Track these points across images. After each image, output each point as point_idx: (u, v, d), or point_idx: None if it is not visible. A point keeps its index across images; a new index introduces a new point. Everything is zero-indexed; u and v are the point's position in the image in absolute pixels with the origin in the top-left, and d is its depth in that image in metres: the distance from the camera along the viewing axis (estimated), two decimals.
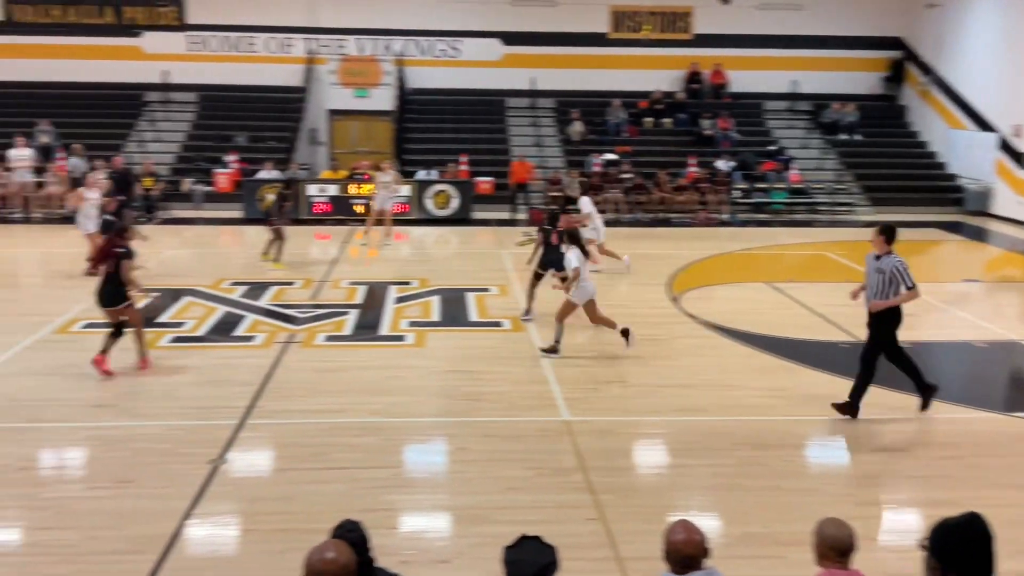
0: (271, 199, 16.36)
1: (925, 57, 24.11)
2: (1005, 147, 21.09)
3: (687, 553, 3.58)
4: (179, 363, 9.73)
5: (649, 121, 23.89)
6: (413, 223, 19.44)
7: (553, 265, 11.44)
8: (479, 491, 6.80)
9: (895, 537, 6.29)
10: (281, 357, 9.98)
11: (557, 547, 3.52)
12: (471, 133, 23.45)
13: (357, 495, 6.63)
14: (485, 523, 6.25)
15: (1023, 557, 5.04)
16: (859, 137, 23.99)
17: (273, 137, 22.54)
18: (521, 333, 11.13)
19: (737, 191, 21.65)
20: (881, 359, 8.22)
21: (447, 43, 24.01)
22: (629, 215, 20.81)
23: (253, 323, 11.36)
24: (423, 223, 19.59)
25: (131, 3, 23.21)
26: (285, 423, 8.13)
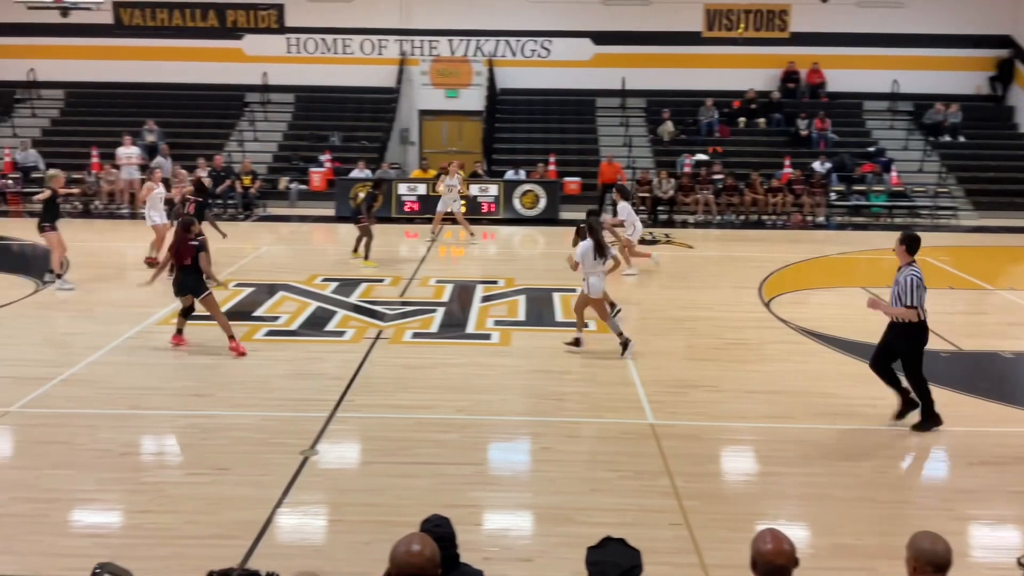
0: (362, 197, 16.69)
1: None
2: None
3: (776, 563, 3.49)
4: (273, 356, 10.02)
5: (742, 121, 23.47)
6: (501, 222, 19.55)
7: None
8: (562, 491, 6.79)
9: (992, 554, 6.04)
10: (370, 352, 10.17)
11: (641, 551, 3.49)
12: (560, 133, 23.47)
13: (442, 490, 6.71)
14: (568, 523, 6.25)
15: None
16: (963, 139, 23.06)
17: (366, 137, 23.00)
18: (607, 334, 11.07)
19: (834, 193, 21.07)
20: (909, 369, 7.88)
21: (538, 43, 24.06)
22: (720, 217, 20.49)
23: (343, 319, 11.60)
24: (511, 222, 19.68)
25: (234, 7, 24.00)
26: (373, 417, 8.28)
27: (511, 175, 20.76)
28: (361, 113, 23.97)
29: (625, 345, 10.06)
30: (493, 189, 20.14)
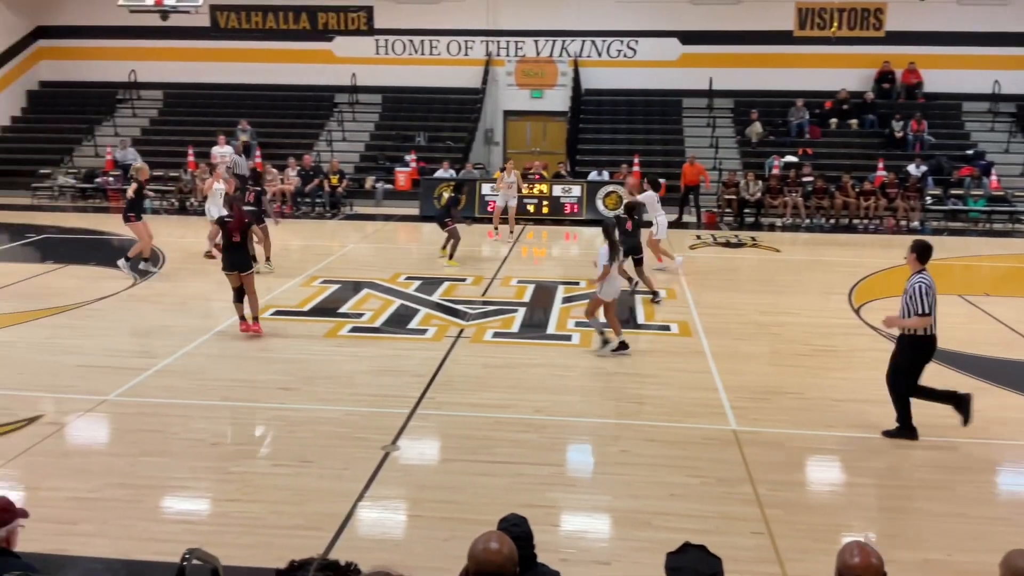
0: (446, 198, 16.93)
1: None
2: None
3: None
4: (357, 352, 10.21)
5: (834, 122, 22.87)
6: (583, 223, 19.49)
7: (632, 251, 12.62)
8: (641, 495, 6.73)
9: None
10: (451, 351, 10.27)
11: (721, 559, 3.43)
12: (645, 134, 23.28)
13: (520, 490, 6.73)
14: (646, 528, 6.19)
15: None
16: None
17: (451, 137, 23.22)
18: (689, 338, 10.93)
19: (929, 197, 20.35)
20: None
21: (624, 43, 23.91)
22: (809, 220, 20.01)
23: (425, 317, 11.73)
24: (594, 224, 19.57)
25: (325, 9, 24.54)
26: (453, 415, 8.35)
27: (594, 176, 20.67)
28: (446, 113, 24.22)
29: (606, 343, 10.15)
30: (576, 190, 20.10)
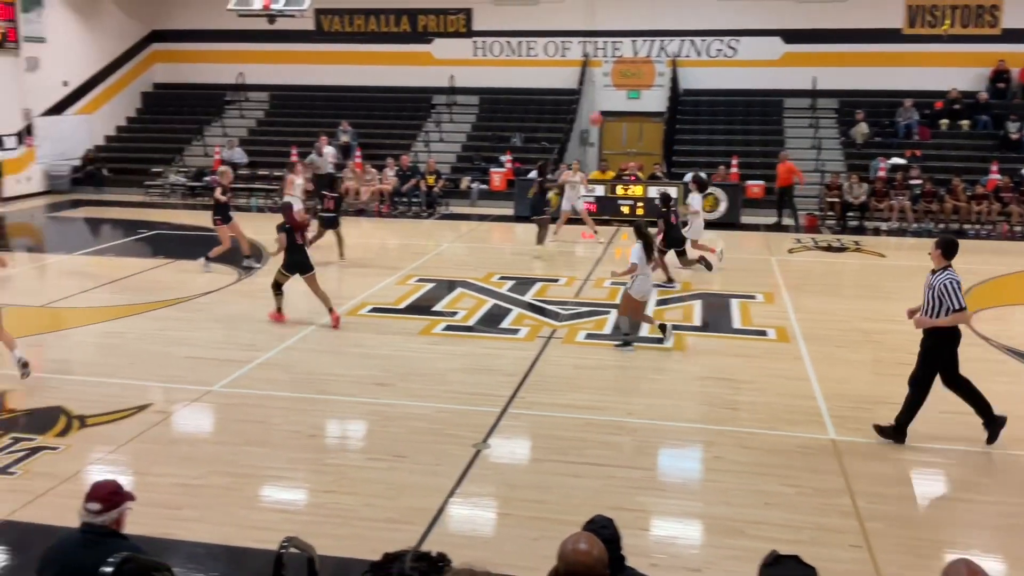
0: (555, 196, 17.29)
1: None
2: None
3: None
4: (450, 350, 10.33)
5: (944, 123, 21.96)
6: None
7: (674, 244, 13.72)
8: (734, 502, 6.61)
9: None
10: (543, 351, 10.28)
11: (817, 570, 3.34)
12: (744, 135, 22.83)
13: (610, 493, 6.69)
14: (739, 536, 6.08)
15: None
16: None
17: (546, 138, 23.25)
18: (787, 344, 10.68)
19: None
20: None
21: (724, 43, 23.51)
22: (916, 224, 19.27)
23: (518, 316, 11.78)
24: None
25: (425, 12, 24.92)
26: (544, 415, 8.36)
27: (690, 177, 20.34)
28: (542, 114, 24.27)
29: (628, 343, 10.33)
30: (672, 191, 19.79)
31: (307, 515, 6.46)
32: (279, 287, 11.32)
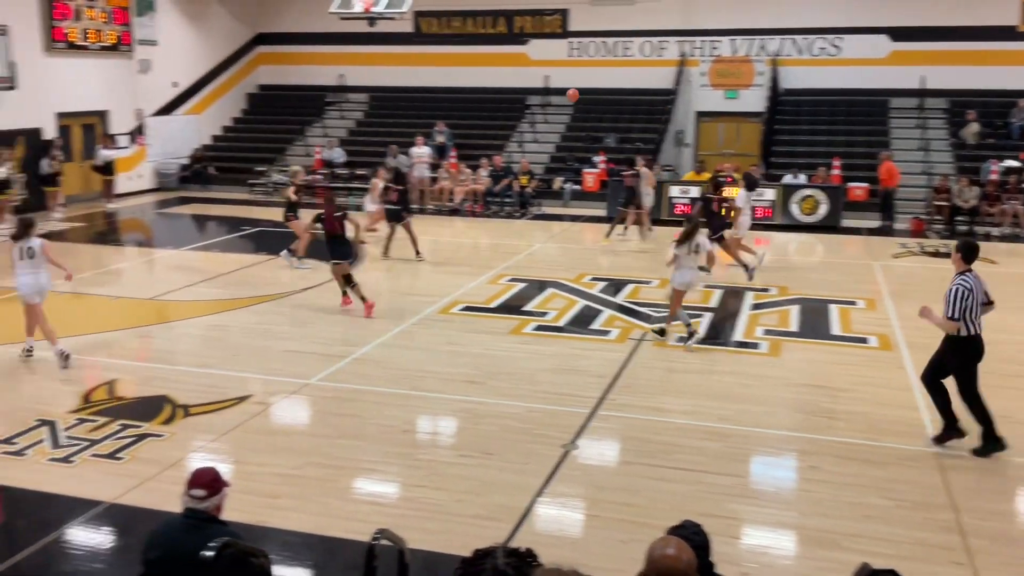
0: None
1: None
2: None
3: None
4: (540, 350, 10.35)
5: None
6: (776, 228, 18.82)
7: (717, 230, 13.62)
8: (830, 514, 6.43)
9: None
10: (634, 353, 10.20)
11: None
12: (846, 136, 22.15)
13: (701, 498, 6.60)
14: (834, 548, 5.91)
15: None
16: None
17: (640, 138, 23.06)
18: (889, 352, 10.32)
19: None
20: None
21: (827, 41, 22.86)
22: None
23: (609, 318, 11.72)
24: (787, 229, 18.88)
25: (521, 13, 25.02)
26: (633, 418, 8.29)
27: (789, 179, 19.89)
28: (637, 115, 24.07)
29: (691, 335, 10.38)
30: (770, 193, 19.40)
31: (398, 508, 6.57)
32: (349, 279, 11.83)
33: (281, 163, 24.59)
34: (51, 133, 20.57)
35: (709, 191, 13.89)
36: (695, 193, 19.60)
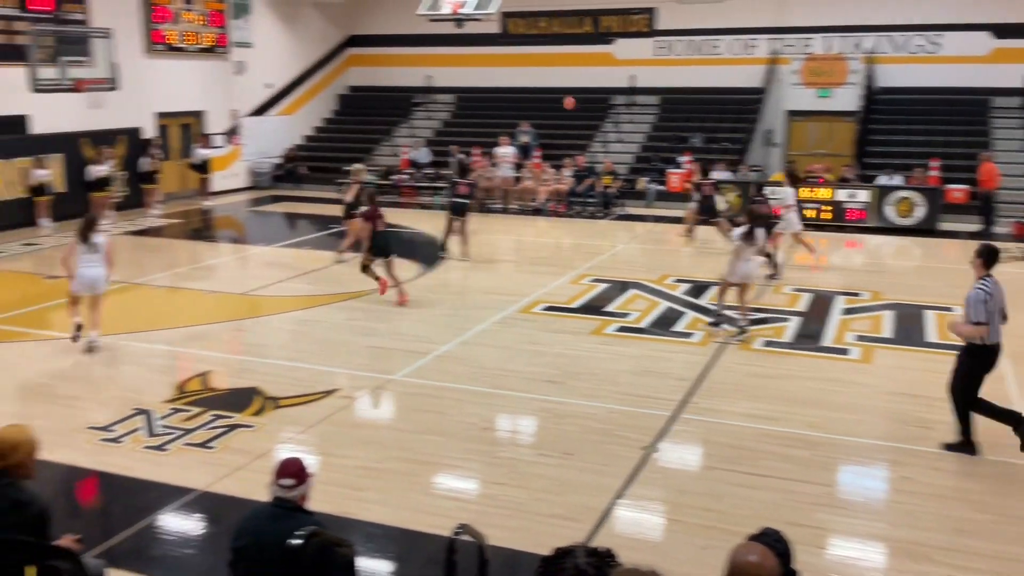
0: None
1: None
2: None
3: None
4: (621, 351, 10.28)
5: None
6: (870, 231, 18.28)
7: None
8: (921, 526, 6.21)
9: None
10: (718, 357, 10.05)
11: None
12: (944, 136, 21.35)
13: (786, 507, 6.45)
14: (926, 562, 5.71)
15: None
16: None
17: (727, 138, 22.69)
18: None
19: None
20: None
21: (926, 38, 22.09)
22: None
23: (692, 320, 11.56)
24: (881, 231, 18.32)
25: (608, 13, 24.90)
26: (716, 422, 8.16)
27: (884, 180, 19.29)
28: (724, 114, 23.68)
29: (734, 324, 10.68)
30: (863, 195, 18.85)
31: (478, 504, 6.62)
32: (367, 269, 12.32)
33: (369, 163, 25.00)
34: (150, 132, 21.38)
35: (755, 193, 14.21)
36: (784, 194, 19.15)
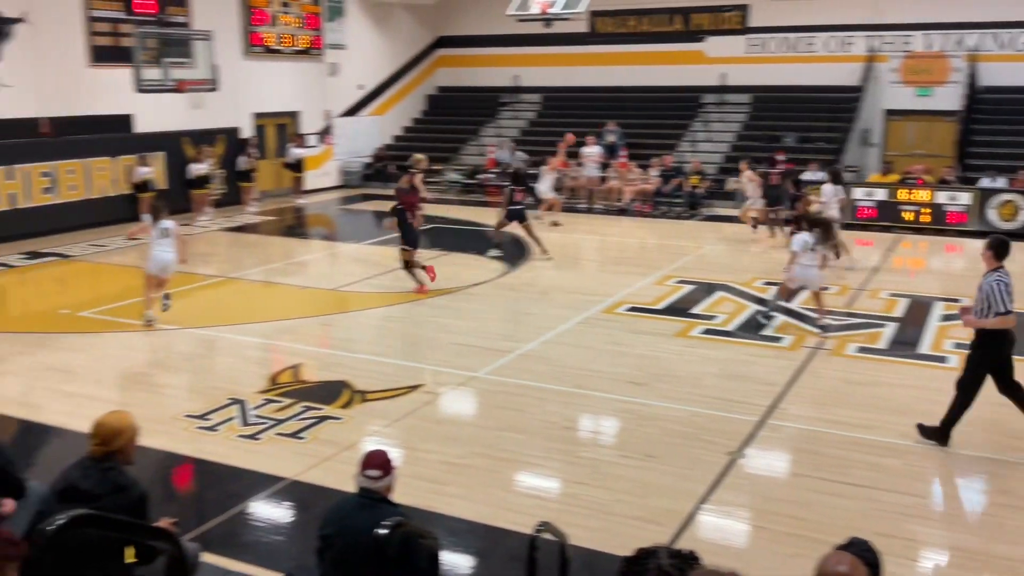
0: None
1: None
2: None
3: None
4: (707, 354, 10.14)
5: None
6: (972, 235, 17.58)
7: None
8: (1021, 542, 5.96)
9: None
10: (808, 362, 9.82)
11: None
12: None
13: (875, 517, 6.27)
14: None
15: None
16: None
17: (822, 138, 22.13)
18: None
19: None
20: None
21: None
22: None
23: (782, 324, 11.33)
24: (983, 235, 17.55)
25: (698, 10, 24.58)
26: (805, 429, 7.99)
27: (987, 182, 18.53)
28: (819, 113, 23.09)
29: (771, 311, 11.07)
30: (964, 197, 18.14)
31: (559, 503, 6.63)
32: (408, 265, 12.70)
33: (456, 163, 25.27)
34: (248, 132, 22.05)
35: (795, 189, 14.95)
36: (881, 196, 18.65)
